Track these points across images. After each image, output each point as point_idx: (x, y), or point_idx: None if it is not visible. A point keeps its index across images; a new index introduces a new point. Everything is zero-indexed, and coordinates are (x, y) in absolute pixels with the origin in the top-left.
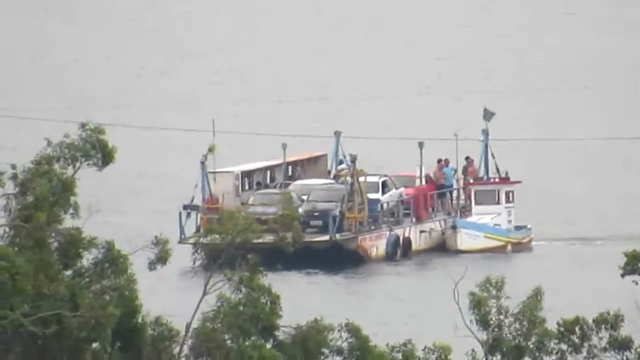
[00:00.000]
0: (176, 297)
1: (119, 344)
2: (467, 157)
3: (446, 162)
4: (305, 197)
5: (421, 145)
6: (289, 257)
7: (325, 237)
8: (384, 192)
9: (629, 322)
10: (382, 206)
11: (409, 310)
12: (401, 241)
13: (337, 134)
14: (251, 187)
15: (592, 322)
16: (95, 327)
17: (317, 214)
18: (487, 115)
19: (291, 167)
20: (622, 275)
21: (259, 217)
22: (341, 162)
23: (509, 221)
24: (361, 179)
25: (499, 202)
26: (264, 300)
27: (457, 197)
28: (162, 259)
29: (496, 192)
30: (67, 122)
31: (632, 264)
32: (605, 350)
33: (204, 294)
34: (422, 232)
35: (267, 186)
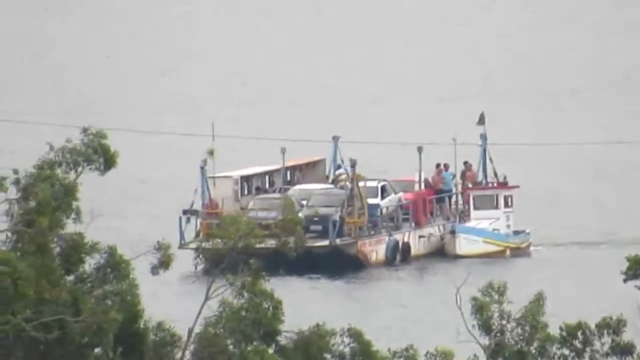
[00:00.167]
0: (178, 302)
1: (121, 349)
2: (466, 162)
3: (446, 167)
4: (304, 201)
5: (420, 149)
6: (289, 262)
7: (325, 242)
8: (383, 197)
9: (632, 327)
10: (381, 211)
11: (411, 315)
12: (400, 246)
13: (336, 139)
14: (250, 192)
15: (595, 327)
16: (97, 333)
17: (317, 219)
18: (482, 119)
19: (290, 172)
20: (625, 280)
21: (260, 222)
22: (339, 166)
23: (508, 226)
24: (360, 184)
25: (497, 207)
26: (266, 305)
27: (456, 202)
28: (165, 263)
29: (495, 197)
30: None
31: (635, 269)
32: (607, 355)
33: (206, 299)
34: (421, 237)
35: (266, 191)
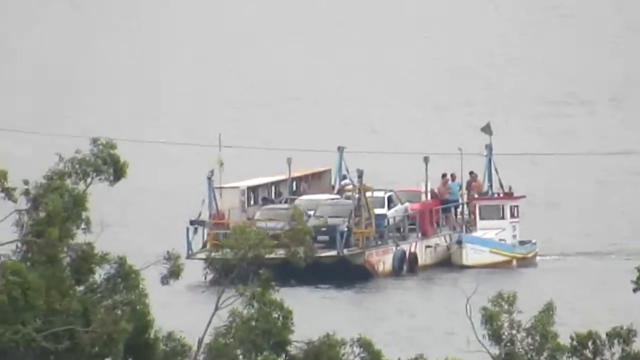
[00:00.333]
0: (188, 312)
1: (131, 359)
2: (471, 172)
3: (452, 177)
4: (311, 212)
5: (426, 160)
6: (297, 272)
7: (332, 253)
8: (389, 207)
9: None
10: (388, 221)
11: (420, 325)
12: (407, 256)
13: (341, 149)
14: (257, 202)
15: (605, 336)
16: (107, 343)
17: (324, 229)
18: (487, 129)
19: (296, 183)
20: (635, 290)
21: (267, 232)
22: (344, 177)
23: (514, 236)
24: (367, 194)
25: (503, 217)
26: (276, 315)
27: (462, 212)
28: (175, 273)
29: (501, 207)
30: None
31: None
32: None
33: (216, 309)
34: (427, 247)
35: (272, 201)
